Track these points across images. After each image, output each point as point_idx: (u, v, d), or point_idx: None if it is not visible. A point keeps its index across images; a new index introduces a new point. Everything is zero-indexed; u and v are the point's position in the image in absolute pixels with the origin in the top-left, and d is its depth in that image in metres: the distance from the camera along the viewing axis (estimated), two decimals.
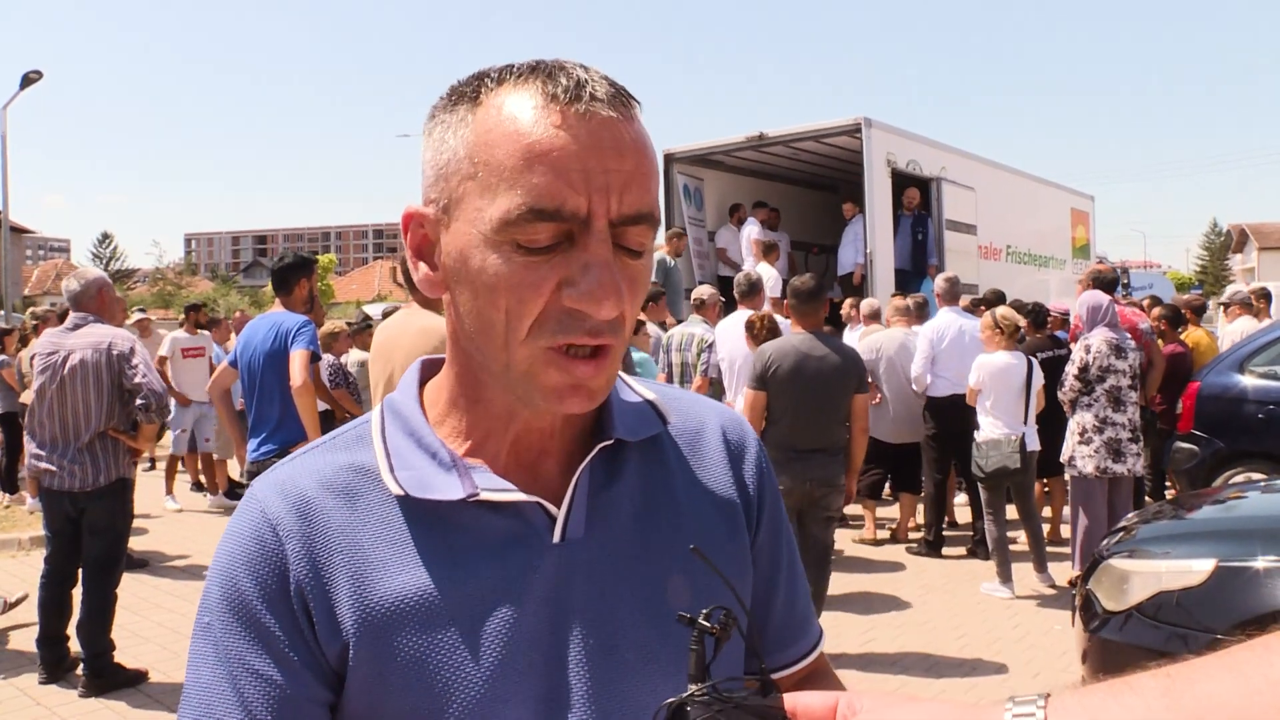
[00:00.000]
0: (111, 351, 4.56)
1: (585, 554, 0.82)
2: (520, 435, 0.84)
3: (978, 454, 5.98)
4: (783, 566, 0.98)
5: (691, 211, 10.43)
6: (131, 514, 4.84)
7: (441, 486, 0.80)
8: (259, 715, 0.76)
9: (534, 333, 0.75)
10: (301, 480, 0.83)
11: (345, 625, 0.77)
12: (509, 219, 0.73)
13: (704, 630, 0.68)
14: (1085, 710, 0.60)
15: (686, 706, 0.65)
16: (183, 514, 9.12)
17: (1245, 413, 6.76)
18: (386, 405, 0.88)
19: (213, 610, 0.80)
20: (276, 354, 4.38)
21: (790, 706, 0.67)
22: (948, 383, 6.83)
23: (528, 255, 0.74)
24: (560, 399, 0.77)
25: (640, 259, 0.78)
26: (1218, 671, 0.58)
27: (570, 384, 0.76)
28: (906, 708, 0.65)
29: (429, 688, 0.77)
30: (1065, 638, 4.98)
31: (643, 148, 0.77)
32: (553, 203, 0.72)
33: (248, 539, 0.80)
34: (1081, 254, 14.06)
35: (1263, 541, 3.36)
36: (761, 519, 0.95)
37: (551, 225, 0.73)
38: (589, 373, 0.76)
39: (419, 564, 0.79)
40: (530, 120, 0.73)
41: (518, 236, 0.73)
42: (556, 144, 0.72)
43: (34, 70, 19.31)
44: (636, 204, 0.75)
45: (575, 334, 0.74)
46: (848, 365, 4.77)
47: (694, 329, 6.77)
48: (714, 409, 0.99)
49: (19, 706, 4.43)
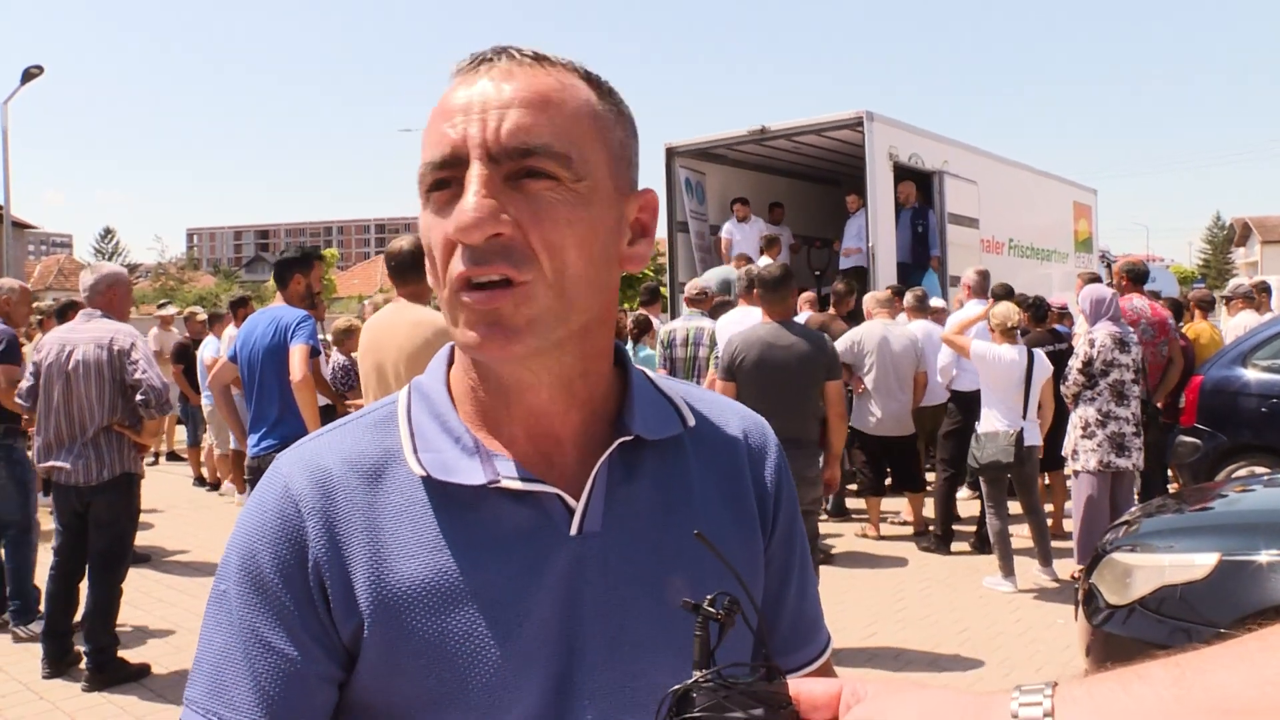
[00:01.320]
0: (113, 347, 4.57)
1: (601, 548, 0.83)
2: (527, 417, 0.84)
3: (975, 446, 6.00)
4: (794, 571, 0.98)
5: (693, 205, 10.43)
6: (137, 510, 4.83)
7: (463, 471, 0.81)
8: (267, 687, 0.77)
9: (444, 279, 0.78)
10: (327, 457, 0.83)
11: (361, 604, 0.78)
12: (420, 179, 0.79)
13: (708, 616, 0.68)
14: (1093, 700, 0.60)
15: (691, 692, 0.65)
16: (185, 508, 9.14)
17: (1248, 406, 6.76)
18: (414, 387, 0.89)
19: (230, 579, 0.81)
20: (276, 349, 4.38)
21: (794, 693, 0.67)
22: (971, 376, 6.77)
23: (434, 205, 0.78)
24: (477, 341, 0.76)
25: (553, 187, 0.76)
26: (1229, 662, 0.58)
27: (475, 321, 0.76)
28: (910, 694, 0.65)
29: (441, 671, 0.78)
30: (1068, 632, 4.97)
31: (536, 86, 0.78)
32: (438, 149, 0.77)
33: (270, 512, 0.81)
34: (1084, 248, 14.04)
35: (1266, 535, 3.36)
36: (777, 523, 0.96)
37: (443, 173, 0.77)
38: (487, 303, 0.75)
39: (437, 547, 0.80)
40: (450, 86, 0.80)
41: (428, 190, 0.78)
42: (452, 100, 0.78)
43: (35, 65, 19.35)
44: (517, 134, 0.75)
45: (469, 265, 0.75)
46: (815, 353, 4.68)
47: (698, 323, 6.74)
48: (737, 411, 0.99)
49: (22, 701, 4.44)
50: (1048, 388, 6.06)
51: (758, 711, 0.64)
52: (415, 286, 3.85)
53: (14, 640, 5.23)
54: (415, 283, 3.84)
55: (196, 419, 10.31)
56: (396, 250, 3.87)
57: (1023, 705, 0.61)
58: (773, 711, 0.65)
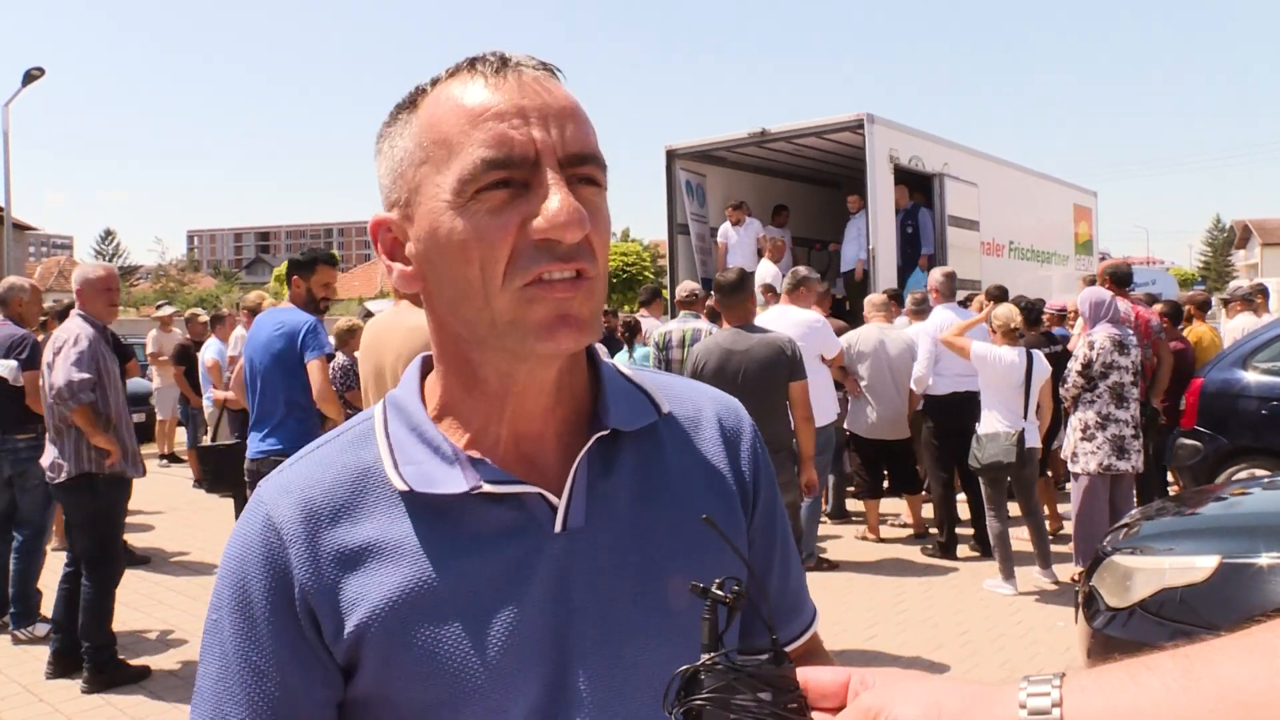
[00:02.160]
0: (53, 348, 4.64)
1: (586, 543, 0.84)
2: (516, 418, 0.85)
3: (975, 446, 5.98)
4: (777, 548, 1.00)
5: (694, 207, 10.43)
6: (113, 510, 4.70)
7: (444, 480, 0.82)
8: (263, 714, 0.79)
9: (509, 275, 0.77)
10: (305, 482, 0.84)
11: (352, 624, 0.79)
12: (466, 177, 0.77)
13: (717, 600, 0.69)
14: (1101, 690, 0.59)
15: (700, 674, 0.65)
16: (184, 510, 9.13)
17: (1248, 409, 6.75)
18: (389, 401, 0.89)
19: (222, 609, 0.82)
20: (281, 353, 4.37)
21: (803, 680, 0.67)
22: (946, 380, 6.83)
23: (489, 205, 0.77)
24: (550, 333, 0.78)
25: (597, 194, 0.81)
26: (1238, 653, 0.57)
27: (555, 314, 0.78)
28: (917, 683, 0.65)
29: (438, 678, 0.79)
30: (1068, 634, 4.97)
31: (569, 96, 0.81)
32: (502, 148, 0.76)
33: (254, 542, 0.82)
34: (1084, 250, 14.05)
35: (1266, 538, 3.35)
36: (758, 503, 0.97)
37: (505, 173, 0.76)
38: (568, 293, 0.78)
39: (424, 558, 0.80)
40: (467, 93, 0.79)
41: (479, 191, 0.77)
42: (494, 101, 0.78)
43: (36, 67, 19.36)
44: (581, 143, 0.79)
45: (547, 262, 0.77)
46: (775, 356, 4.64)
47: (694, 324, 6.74)
48: (709, 395, 1.01)
49: (22, 703, 4.44)
50: (1047, 389, 6.06)
51: (765, 695, 0.64)
52: None
53: (14, 642, 5.23)
54: None
55: (197, 421, 10.27)
56: None
57: (1031, 695, 0.61)
58: (780, 695, 0.65)
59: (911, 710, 0.62)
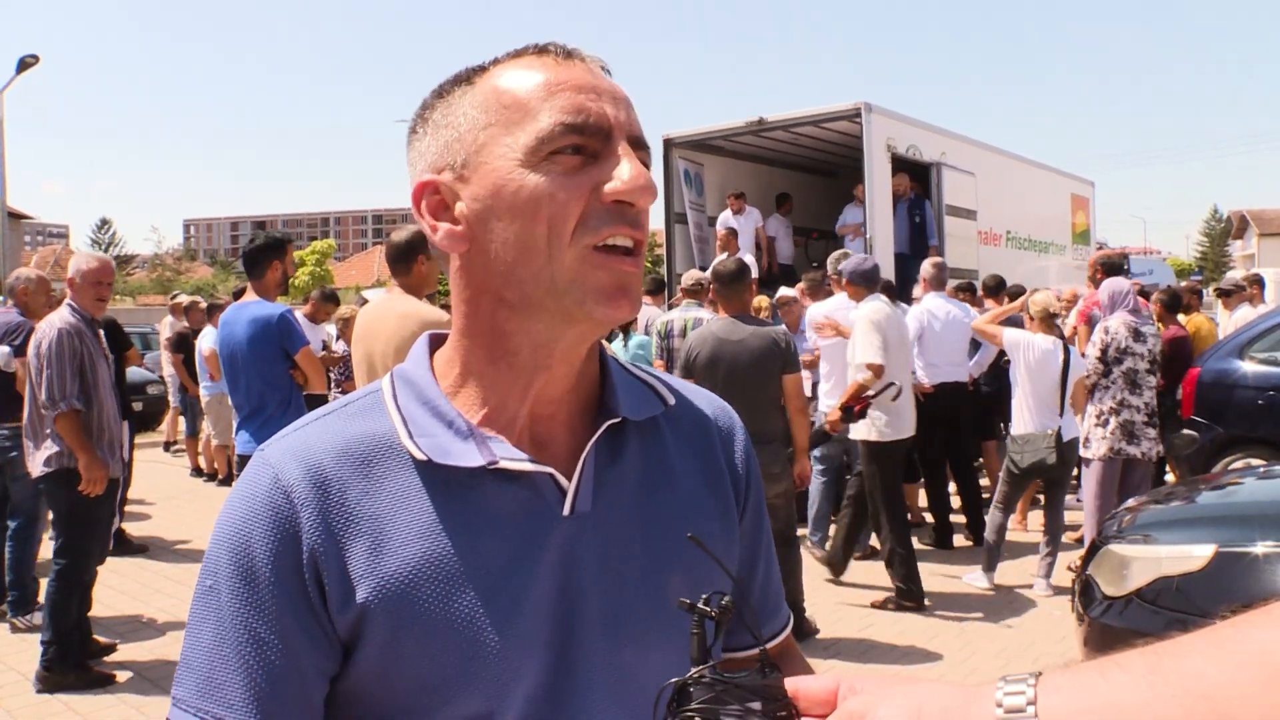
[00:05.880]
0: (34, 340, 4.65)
1: (592, 527, 0.85)
2: (538, 397, 0.86)
3: (1012, 448, 5.79)
4: (762, 549, 1.02)
5: (692, 196, 10.41)
6: (89, 508, 4.56)
7: (460, 454, 0.82)
8: (262, 683, 0.77)
9: (578, 233, 0.79)
10: (316, 447, 0.83)
11: (360, 594, 0.78)
12: (544, 137, 0.79)
13: (703, 615, 0.70)
14: (1074, 688, 0.61)
15: (689, 687, 0.66)
16: (182, 499, 9.14)
17: (1245, 398, 6.77)
18: (397, 375, 0.89)
19: (219, 574, 0.80)
20: (260, 350, 4.30)
21: (792, 689, 0.68)
22: (936, 370, 6.81)
23: (563, 167, 0.80)
24: (611, 300, 0.80)
25: None
26: (1203, 648, 0.60)
27: (617, 284, 0.80)
28: (902, 688, 0.67)
29: (448, 654, 0.78)
30: (1065, 623, 4.98)
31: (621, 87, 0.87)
32: (581, 116, 0.80)
33: (260, 504, 0.80)
34: (1081, 240, 14.04)
35: (1262, 527, 3.37)
36: (748, 502, 0.99)
37: (580, 138, 0.80)
38: (631, 268, 0.81)
39: (435, 531, 0.80)
40: (540, 66, 0.83)
41: (553, 153, 0.79)
42: (569, 77, 0.82)
43: (31, 55, 19.24)
44: (640, 128, 0.85)
45: (618, 224, 0.80)
46: (769, 347, 4.61)
47: (696, 313, 6.72)
48: (703, 396, 1.03)
49: (20, 690, 4.44)
50: (1081, 383, 5.85)
51: (755, 705, 0.65)
52: (410, 278, 3.85)
53: (12, 630, 5.23)
54: (411, 274, 3.84)
55: (195, 410, 10.23)
56: (395, 241, 3.89)
57: (1007, 694, 0.63)
58: (769, 704, 0.66)
59: (894, 713, 0.64)
